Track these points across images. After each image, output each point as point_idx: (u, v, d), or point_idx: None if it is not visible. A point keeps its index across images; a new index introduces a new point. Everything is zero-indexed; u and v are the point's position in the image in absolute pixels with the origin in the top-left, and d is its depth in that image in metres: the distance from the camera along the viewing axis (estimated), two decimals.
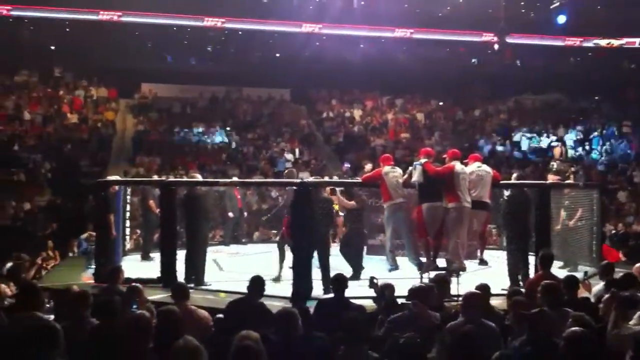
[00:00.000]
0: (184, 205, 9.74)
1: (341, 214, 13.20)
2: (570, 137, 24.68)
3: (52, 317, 5.44)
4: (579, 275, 7.57)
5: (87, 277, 9.92)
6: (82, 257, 12.16)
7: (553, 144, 24.24)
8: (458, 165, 9.01)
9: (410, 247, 9.51)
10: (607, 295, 5.87)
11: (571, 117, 27.08)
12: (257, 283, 6.44)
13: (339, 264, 9.33)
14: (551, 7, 19.98)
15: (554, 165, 21.60)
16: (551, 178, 12.08)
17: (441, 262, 8.96)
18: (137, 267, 10.52)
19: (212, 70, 27.80)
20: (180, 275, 9.16)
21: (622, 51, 27.59)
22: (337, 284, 6.49)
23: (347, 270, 8.79)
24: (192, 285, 8.60)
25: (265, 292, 7.58)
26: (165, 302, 6.51)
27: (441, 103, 28.75)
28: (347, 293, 6.48)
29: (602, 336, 5.01)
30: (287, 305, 5.71)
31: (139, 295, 6.26)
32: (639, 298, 5.92)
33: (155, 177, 15.83)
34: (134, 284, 6.71)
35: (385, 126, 25.92)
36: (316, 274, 8.78)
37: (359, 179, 10.71)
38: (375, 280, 6.71)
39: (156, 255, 10.31)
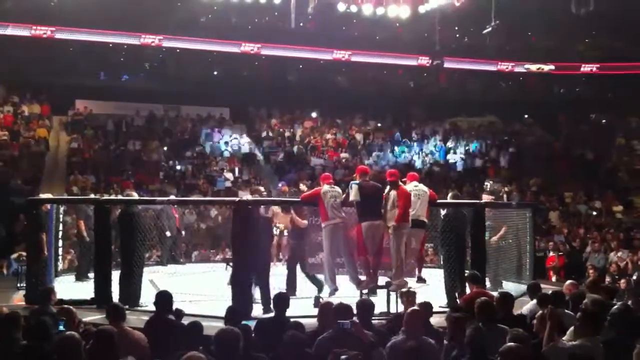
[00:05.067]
0: (119, 225, 9.55)
1: (286, 233, 13.16)
2: (503, 158, 25.39)
3: None
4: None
5: (17, 298, 9.58)
6: (12, 278, 11.74)
7: (487, 164, 24.91)
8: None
9: (350, 265, 9.53)
10: (540, 312, 6.03)
11: (504, 139, 27.90)
12: (163, 298, 6.43)
13: (280, 284, 9.31)
14: (484, 32, 20.60)
15: (488, 185, 22.19)
16: (485, 197, 12.39)
17: (380, 280, 9.03)
18: (70, 287, 10.24)
19: (149, 88, 27.45)
20: (115, 296, 8.94)
21: (552, 76, 28.66)
22: (278, 303, 6.44)
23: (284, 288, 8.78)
24: (127, 306, 8.40)
25: (203, 312, 7.51)
26: (100, 324, 6.35)
27: (379, 124, 29.16)
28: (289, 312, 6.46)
29: (538, 352, 5.13)
30: (223, 325, 5.63)
31: (70, 317, 6.08)
32: (570, 314, 6.14)
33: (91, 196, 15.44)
34: (65, 305, 6.52)
35: (325, 146, 26.08)
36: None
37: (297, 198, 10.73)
38: (320, 300, 6.70)
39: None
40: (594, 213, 20.90)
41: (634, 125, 27.42)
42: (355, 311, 5.95)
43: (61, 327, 5.62)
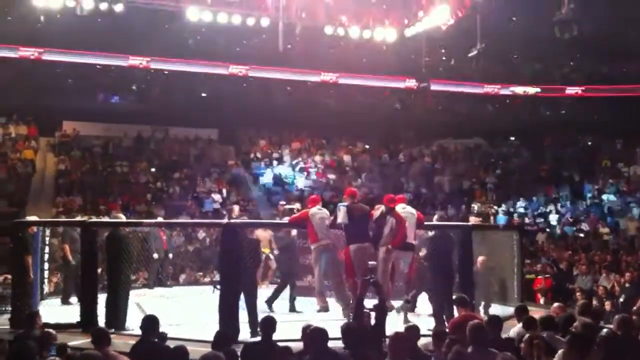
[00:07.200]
0: (106, 247, 9.48)
1: (271, 257, 13.18)
2: (489, 180, 25.53)
3: None
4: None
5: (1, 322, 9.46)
6: None
7: (474, 186, 25.03)
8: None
9: (338, 288, 9.51)
10: (527, 335, 6.03)
11: (491, 161, 28.03)
12: (149, 322, 6.41)
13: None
14: (469, 55, 20.76)
15: (475, 207, 22.32)
16: (473, 220, 12.43)
17: (368, 303, 8.99)
18: (56, 311, 10.13)
19: (137, 109, 27.40)
20: (101, 320, 8.86)
21: (538, 99, 28.92)
22: (265, 326, 6.40)
23: (274, 312, 8.72)
24: (113, 330, 8.32)
25: (188, 337, 7.45)
26: (85, 348, 6.28)
27: (367, 146, 29.25)
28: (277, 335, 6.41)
29: None
30: (209, 350, 5.58)
31: (52, 341, 6.01)
32: (557, 338, 6.14)
33: (78, 218, 15.34)
34: (46, 329, 6.45)
35: (313, 167, 26.11)
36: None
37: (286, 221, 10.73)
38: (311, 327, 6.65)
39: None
40: (581, 235, 20.98)
41: (619, 147, 27.67)
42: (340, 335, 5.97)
43: (53, 352, 5.58)
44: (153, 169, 23.98)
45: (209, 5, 19.97)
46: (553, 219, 22.34)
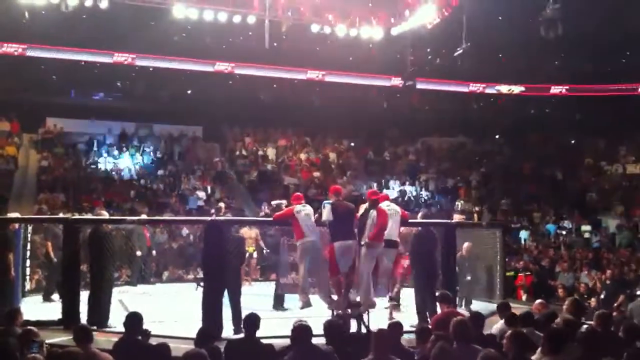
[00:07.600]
0: (88, 244, 9.43)
1: (255, 256, 13.19)
2: (473, 178, 25.65)
3: None
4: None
5: None
6: None
7: (458, 184, 25.13)
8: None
9: (322, 285, 9.50)
10: (509, 332, 6.08)
11: (475, 159, 28.16)
12: (133, 319, 6.39)
13: (250, 304, 9.25)
14: (455, 53, 20.84)
15: (459, 205, 22.42)
16: (456, 217, 12.49)
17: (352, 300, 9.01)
18: (38, 308, 10.07)
19: (121, 106, 27.24)
20: (83, 317, 8.81)
21: (523, 97, 29.09)
22: (248, 323, 6.40)
23: (258, 309, 8.71)
24: (95, 327, 8.28)
25: (171, 334, 7.43)
26: (67, 345, 6.26)
27: (353, 143, 29.28)
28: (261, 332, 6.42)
29: None
30: (192, 347, 5.58)
31: (34, 339, 5.96)
32: (536, 335, 6.20)
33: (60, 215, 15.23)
34: (28, 327, 6.40)
35: (299, 165, 26.09)
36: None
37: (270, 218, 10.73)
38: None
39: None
40: (563, 233, 21.15)
41: (601, 146, 27.90)
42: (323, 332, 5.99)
43: (34, 350, 5.53)
44: (137, 166, 23.85)
45: (195, 3, 19.93)
46: (536, 216, 22.49)
